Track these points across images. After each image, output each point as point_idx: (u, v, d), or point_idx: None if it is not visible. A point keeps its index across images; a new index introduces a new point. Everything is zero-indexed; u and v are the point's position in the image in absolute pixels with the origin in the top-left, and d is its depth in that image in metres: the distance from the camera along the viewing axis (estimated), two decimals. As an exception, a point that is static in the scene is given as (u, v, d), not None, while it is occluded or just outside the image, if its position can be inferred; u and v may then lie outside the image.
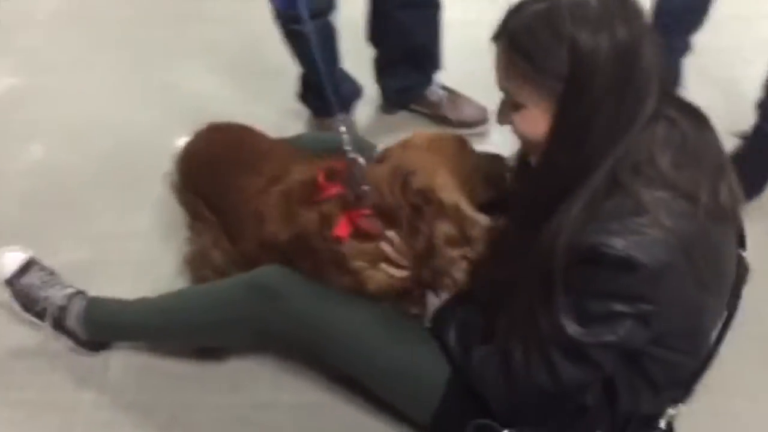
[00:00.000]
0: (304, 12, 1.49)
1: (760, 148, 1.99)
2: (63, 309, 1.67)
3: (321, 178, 1.41)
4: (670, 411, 1.25)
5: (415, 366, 1.35)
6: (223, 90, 2.50)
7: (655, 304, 1.05)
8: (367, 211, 1.33)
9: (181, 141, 2.06)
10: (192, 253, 1.72)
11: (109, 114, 2.44)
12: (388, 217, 1.33)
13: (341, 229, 1.33)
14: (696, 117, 1.15)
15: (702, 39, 2.18)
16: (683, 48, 2.22)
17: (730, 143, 2.04)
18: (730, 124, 2.12)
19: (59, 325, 1.68)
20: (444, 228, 1.28)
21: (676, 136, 1.09)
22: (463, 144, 1.42)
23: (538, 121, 1.08)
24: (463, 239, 1.29)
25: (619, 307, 1.05)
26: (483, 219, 1.30)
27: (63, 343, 1.71)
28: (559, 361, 1.11)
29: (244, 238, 1.54)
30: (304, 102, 2.27)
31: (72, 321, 1.66)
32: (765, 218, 1.94)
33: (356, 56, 2.23)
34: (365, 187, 1.32)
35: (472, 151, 1.43)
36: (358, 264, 1.35)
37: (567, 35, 1.01)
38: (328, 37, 2.05)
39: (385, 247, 1.33)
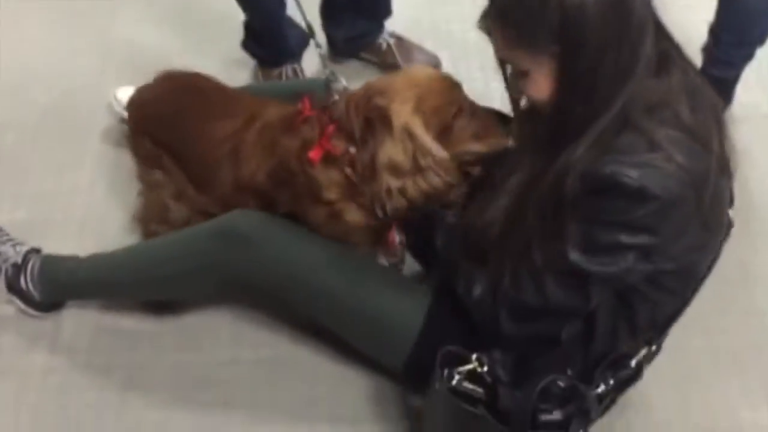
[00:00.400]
0: None
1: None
2: (17, 267, 1.61)
3: (303, 104, 1.38)
4: (642, 351, 1.28)
5: (389, 312, 1.35)
6: (163, 39, 2.40)
7: (660, 237, 1.09)
8: (331, 128, 1.31)
9: (121, 92, 2.00)
10: (148, 206, 1.67)
11: (43, 66, 2.34)
12: (349, 133, 1.30)
13: (314, 152, 1.31)
14: (698, 74, 1.19)
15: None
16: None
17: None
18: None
19: (11, 286, 1.62)
20: (389, 150, 1.24)
21: (688, 83, 1.11)
22: (453, 86, 1.35)
23: (544, 83, 1.10)
24: (411, 168, 1.25)
25: (626, 238, 1.08)
26: (438, 150, 1.25)
27: (12, 306, 1.65)
28: (550, 286, 1.14)
29: (215, 184, 1.50)
30: (249, 51, 2.20)
31: (26, 280, 1.60)
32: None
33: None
34: (335, 98, 1.32)
35: (465, 98, 1.35)
36: (333, 195, 1.32)
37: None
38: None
39: (347, 169, 1.31)
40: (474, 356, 1.23)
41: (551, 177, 1.10)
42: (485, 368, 1.22)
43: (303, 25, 1.75)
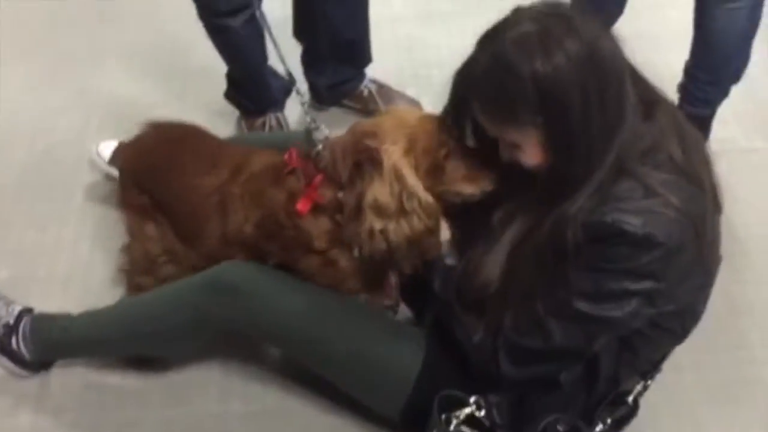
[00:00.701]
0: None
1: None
2: (10, 327, 1.59)
3: (289, 156, 1.38)
4: (638, 387, 1.28)
5: (385, 359, 1.34)
6: (145, 92, 2.41)
7: (664, 282, 1.09)
8: (319, 178, 1.30)
9: (103, 147, 2.00)
10: (135, 259, 1.65)
11: (27, 122, 2.32)
12: (337, 181, 1.29)
13: (301, 203, 1.31)
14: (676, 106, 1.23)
15: (622, 26, 2.24)
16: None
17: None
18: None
19: (2, 348, 1.59)
20: (376, 190, 1.22)
21: (675, 123, 1.14)
22: (443, 127, 1.31)
23: (536, 151, 1.11)
24: (396, 210, 1.23)
25: (631, 284, 1.09)
26: (424, 194, 1.24)
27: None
28: (553, 330, 1.14)
29: (203, 238, 1.49)
30: (232, 101, 2.21)
31: (18, 340, 1.58)
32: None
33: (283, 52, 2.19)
34: (320, 147, 1.31)
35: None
36: (324, 243, 1.31)
37: (525, 72, 1.02)
38: (256, 31, 2.00)
39: (337, 216, 1.30)
40: (472, 399, 1.22)
41: (549, 229, 1.11)
42: (483, 412, 1.21)
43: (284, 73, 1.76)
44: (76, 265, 1.89)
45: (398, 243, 1.24)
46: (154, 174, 1.58)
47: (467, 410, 1.21)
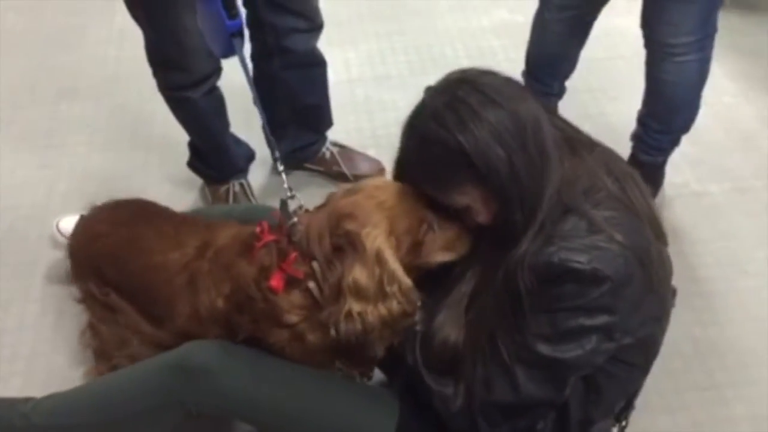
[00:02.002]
0: (240, 52, 1.53)
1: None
2: None
3: (261, 229, 1.35)
4: (614, 430, 1.31)
5: (360, 428, 1.32)
6: (107, 166, 2.41)
7: (617, 315, 1.12)
8: (293, 254, 1.29)
9: (64, 222, 1.98)
10: (99, 346, 1.59)
11: (-14, 202, 2.30)
12: (312, 258, 1.28)
13: (275, 279, 1.29)
14: (607, 151, 1.26)
15: (575, 81, 2.33)
16: (560, 92, 2.35)
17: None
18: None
19: None
20: (358, 274, 1.21)
21: (600, 156, 1.20)
22: (418, 200, 1.29)
23: (484, 208, 1.18)
24: (375, 293, 1.22)
25: (586, 320, 1.11)
26: (404, 278, 1.23)
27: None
28: (522, 380, 1.15)
29: (174, 317, 1.44)
30: (196, 171, 2.22)
31: None
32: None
33: (244, 119, 2.22)
34: (295, 220, 1.30)
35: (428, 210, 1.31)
36: (295, 317, 1.29)
37: (451, 143, 1.11)
38: (218, 101, 2.03)
39: (311, 284, 1.28)
40: None
41: (502, 276, 1.14)
42: None
43: (262, 142, 1.71)
44: (39, 345, 1.86)
45: (374, 325, 1.23)
46: (111, 258, 1.54)
47: None
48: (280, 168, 1.50)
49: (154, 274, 1.46)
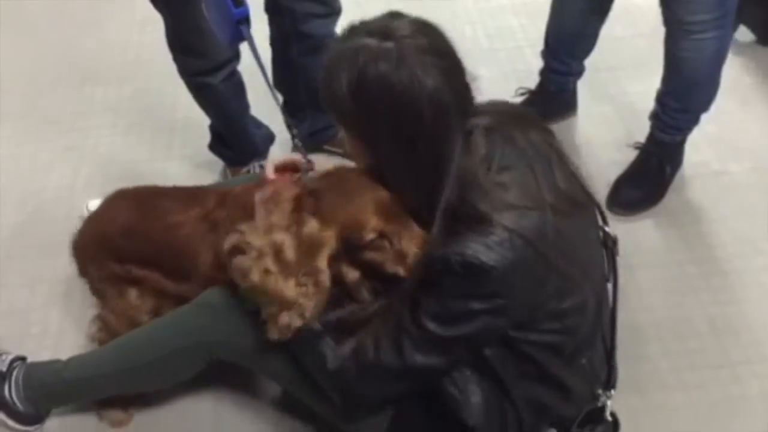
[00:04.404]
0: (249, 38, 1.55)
1: (655, 154, 2.12)
2: (2, 375, 1.60)
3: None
4: (606, 401, 1.31)
5: None
6: (130, 149, 2.46)
7: (509, 298, 1.12)
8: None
9: (92, 204, 2.03)
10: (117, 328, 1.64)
11: (16, 183, 2.36)
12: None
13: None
14: (519, 118, 1.25)
15: (595, 60, 2.32)
16: (580, 71, 2.36)
17: (627, 155, 2.18)
18: (626, 135, 2.27)
19: None
20: (286, 241, 1.20)
21: (497, 143, 1.16)
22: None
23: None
24: (288, 271, 1.20)
25: (476, 305, 1.11)
26: (326, 279, 1.22)
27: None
28: (408, 350, 1.17)
29: (197, 267, 1.49)
30: (217, 153, 2.26)
31: (12, 390, 1.59)
32: (665, 225, 2.07)
33: (264, 101, 2.24)
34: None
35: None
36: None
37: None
38: (237, 86, 2.06)
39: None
40: None
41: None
42: None
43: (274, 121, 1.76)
44: (68, 322, 1.92)
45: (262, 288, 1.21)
46: (129, 233, 1.57)
47: None
48: (295, 140, 1.56)
49: (175, 231, 1.51)
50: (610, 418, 1.31)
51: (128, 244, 1.57)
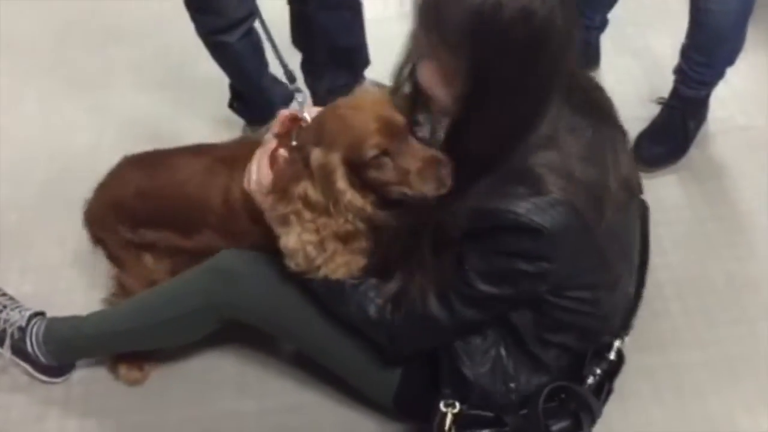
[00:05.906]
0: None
1: (679, 109, 2.09)
2: (23, 330, 1.66)
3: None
4: (617, 344, 1.34)
5: (371, 349, 1.38)
6: (154, 107, 2.47)
7: (554, 263, 1.13)
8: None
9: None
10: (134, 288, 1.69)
11: (43, 141, 2.40)
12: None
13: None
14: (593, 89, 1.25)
15: (619, 13, 2.28)
16: (603, 24, 2.31)
17: (651, 110, 2.15)
18: (650, 90, 2.23)
19: (18, 350, 1.66)
20: (307, 187, 1.22)
21: (577, 108, 1.16)
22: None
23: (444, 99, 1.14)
24: (322, 209, 1.23)
25: (523, 265, 1.12)
26: (354, 197, 1.23)
27: (21, 372, 1.70)
28: (457, 305, 1.19)
29: (208, 212, 1.52)
30: (236, 111, 2.27)
31: (33, 343, 1.65)
32: (688, 181, 2.05)
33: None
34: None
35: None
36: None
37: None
38: (254, 44, 2.06)
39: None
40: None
41: (455, 210, 1.14)
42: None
43: (284, 77, 1.76)
44: (96, 277, 1.96)
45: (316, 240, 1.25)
46: (140, 195, 1.60)
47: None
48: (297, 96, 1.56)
49: (185, 185, 1.54)
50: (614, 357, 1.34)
51: (142, 206, 1.60)
